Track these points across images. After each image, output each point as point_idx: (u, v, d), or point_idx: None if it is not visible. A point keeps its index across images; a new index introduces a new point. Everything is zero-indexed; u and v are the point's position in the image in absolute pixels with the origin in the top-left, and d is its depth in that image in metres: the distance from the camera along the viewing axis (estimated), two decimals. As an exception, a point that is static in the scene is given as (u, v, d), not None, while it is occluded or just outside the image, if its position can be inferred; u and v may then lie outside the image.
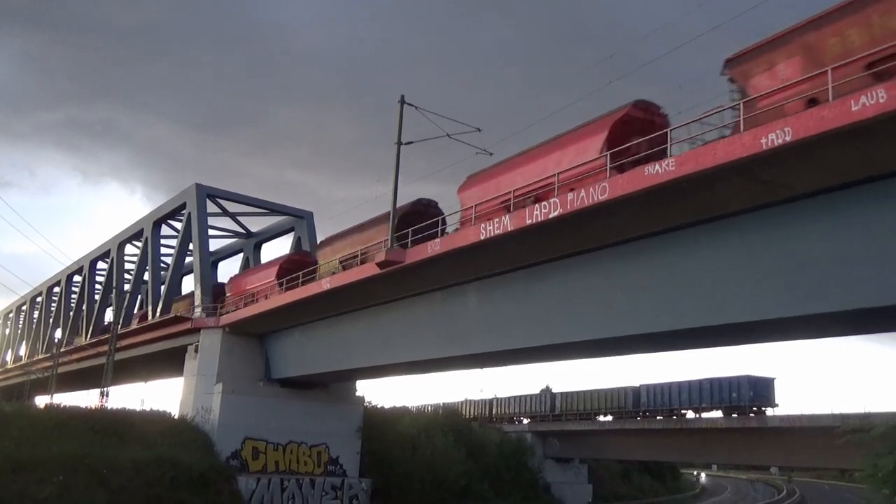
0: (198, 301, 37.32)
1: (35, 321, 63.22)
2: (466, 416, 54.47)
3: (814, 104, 12.44)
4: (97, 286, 52.42)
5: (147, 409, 35.47)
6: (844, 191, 13.33)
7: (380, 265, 22.39)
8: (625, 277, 17.82)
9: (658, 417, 43.72)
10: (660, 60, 18.18)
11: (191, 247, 40.68)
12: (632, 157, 15.80)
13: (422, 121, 22.95)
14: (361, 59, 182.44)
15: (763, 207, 14.55)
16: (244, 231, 45.58)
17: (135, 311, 46.95)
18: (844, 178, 13.13)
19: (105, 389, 39.35)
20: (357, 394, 36.60)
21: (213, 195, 40.84)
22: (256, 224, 45.59)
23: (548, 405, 51.94)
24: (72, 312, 53.78)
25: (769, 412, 38.50)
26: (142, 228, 45.51)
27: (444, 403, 57.99)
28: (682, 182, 14.00)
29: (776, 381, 40.08)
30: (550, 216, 16.70)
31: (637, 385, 46.07)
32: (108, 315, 49.54)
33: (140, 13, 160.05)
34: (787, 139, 12.10)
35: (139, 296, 47.77)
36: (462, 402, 61.12)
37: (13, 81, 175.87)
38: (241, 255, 46.71)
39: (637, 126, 16.78)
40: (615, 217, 16.28)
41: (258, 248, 45.88)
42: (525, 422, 53.72)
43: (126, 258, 49.33)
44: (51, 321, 58.72)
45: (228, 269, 48.54)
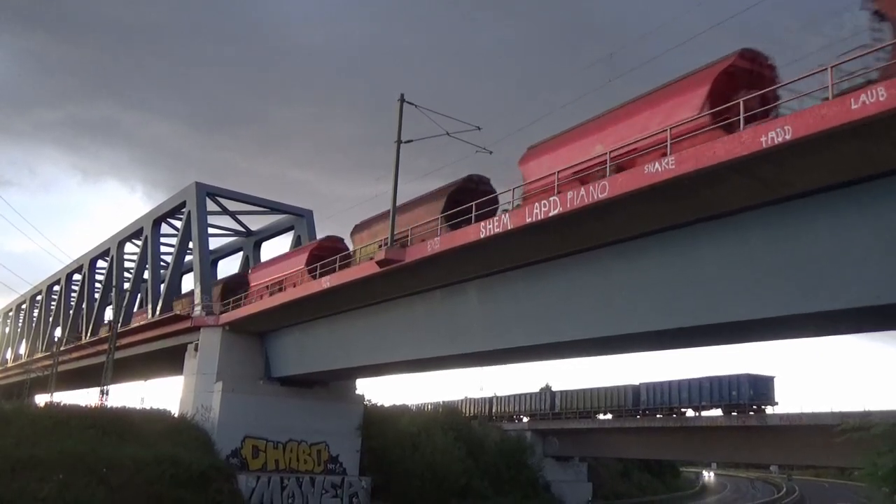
0: (198, 299, 37.33)
1: (35, 320, 63.25)
2: (466, 415, 54.42)
3: None
4: (97, 285, 52.43)
5: (147, 408, 35.58)
6: (844, 189, 13.32)
7: (379, 263, 22.41)
8: (625, 276, 17.82)
9: (658, 416, 43.69)
10: (660, 59, 18.14)
11: (190, 245, 40.71)
12: (737, 117, 13.53)
13: (422, 119, 22.94)
14: (362, 58, 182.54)
15: (763, 206, 14.55)
16: (244, 229, 45.58)
17: (135, 310, 46.96)
18: (844, 177, 13.13)
19: (105, 388, 39.39)
20: (357, 392, 36.67)
21: (213, 194, 40.85)
22: (256, 222, 45.65)
23: (547, 403, 51.93)
24: (72, 311, 53.79)
25: (769, 410, 38.49)
26: (141, 227, 45.51)
27: (444, 402, 57.86)
28: (682, 180, 14.01)
29: (776, 380, 40.13)
30: (550, 214, 16.69)
31: (637, 383, 46.06)
32: (108, 313, 49.60)
33: (140, 11, 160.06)
34: (787, 137, 12.09)
35: (139, 294, 47.80)
36: (462, 401, 61.08)
37: (13, 79, 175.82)
38: (241, 254, 46.76)
39: (744, 79, 14.87)
40: (615, 215, 16.27)
41: (258, 247, 45.89)
42: (525, 420, 53.71)
43: (126, 257, 49.35)
44: (51, 320, 58.75)
45: (228, 268, 48.58)
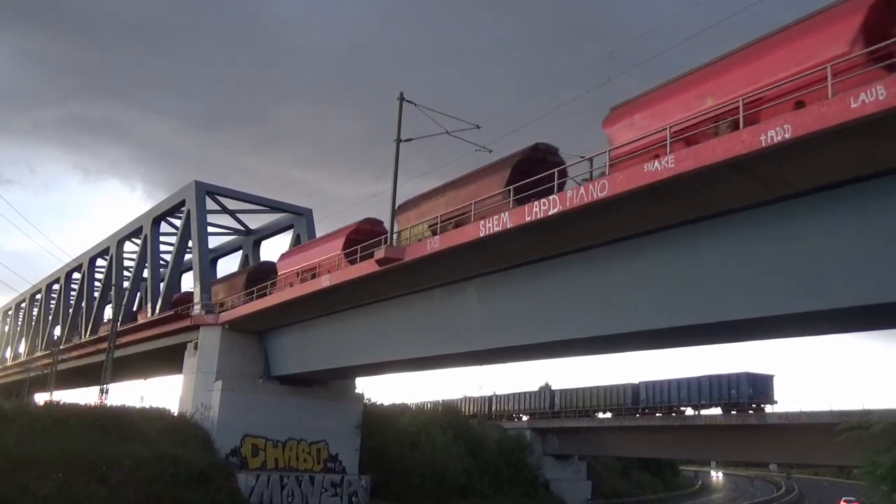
0: (197, 298, 37.34)
1: (34, 318, 63.25)
2: (466, 413, 54.45)
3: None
4: (97, 283, 52.42)
5: (147, 407, 35.56)
6: (843, 188, 13.31)
7: (379, 262, 22.39)
8: (624, 274, 17.82)
9: (657, 414, 43.73)
10: (661, 57, 18.14)
11: (190, 244, 40.70)
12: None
13: (422, 118, 22.96)
14: (362, 57, 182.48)
15: (762, 205, 14.55)
16: (243, 228, 45.58)
17: (134, 309, 46.95)
18: (843, 176, 13.12)
19: (104, 387, 39.39)
20: (356, 391, 36.70)
21: (213, 192, 40.83)
22: (256, 221, 45.65)
23: (547, 402, 51.96)
24: (71, 310, 53.79)
25: (768, 409, 38.55)
26: (141, 226, 45.49)
27: (444, 400, 57.88)
28: (682, 179, 14.00)
29: (775, 378, 40.22)
30: (550, 213, 16.68)
31: (636, 382, 46.12)
32: (108, 312, 49.59)
33: (141, 10, 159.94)
34: (787, 136, 12.07)
35: (138, 293, 47.79)
36: (461, 399, 61.11)
37: (14, 78, 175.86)
38: (241, 253, 46.76)
39: None
40: (614, 214, 16.26)
41: (257, 246, 45.89)
42: (524, 419, 53.75)
43: (125, 255, 49.33)
44: (50, 318, 58.75)
45: (228, 267, 48.60)
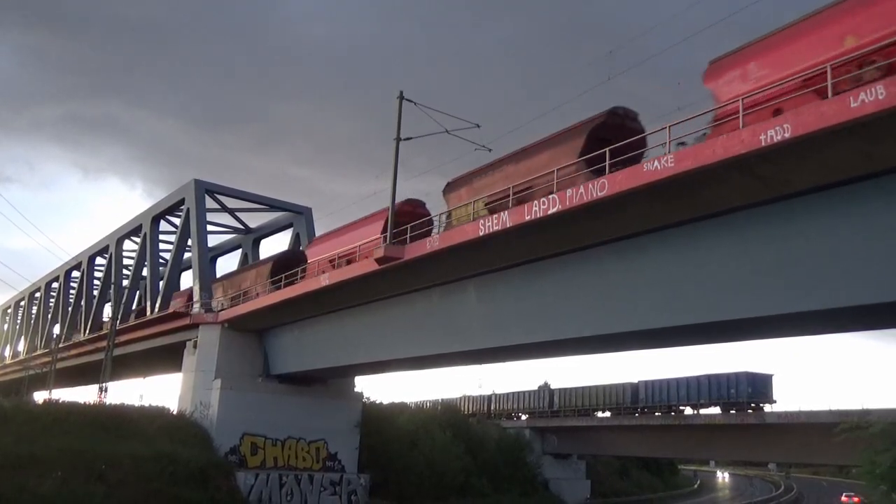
0: (196, 297, 37.32)
1: (34, 317, 63.24)
2: (465, 412, 54.47)
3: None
4: (96, 282, 52.41)
5: (146, 405, 35.53)
6: (843, 188, 13.31)
7: (378, 261, 22.37)
8: (623, 274, 17.82)
9: (656, 414, 43.75)
10: (661, 55, 18.11)
11: (189, 242, 40.68)
12: None
13: (422, 117, 22.92)
14: (362, 55, 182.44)
15: (762, 204, 14.55)
16: (243, 227, 45.55)
17: (133, 307, 46.93)
18: (843, 175, 13.12)
19: (104, 385, 39.40)
20: (356, 390, 36.67)
21: (212, 191, 40.82)
22: (255, 220, 45.62)
23: (546, 401, 51.99)
24: (70, 308, 53.77)
25: (767, 408, 38.57)
26: (140, 224, 45.49)
27: (443, 399, 57.95)
28: (681, 179, 14.00)
29: (774, 378, 40.23)
30: (549, 212, 16.68)
31: (635, 381, 46.16)
32: (107, 310, 49.57)
33: (141, 8, 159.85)
34: (786, 135, 12.07)
35: (137, 291, 47.78)
36: (460, 398, 61.14)
37: (13, 76, 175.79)
38: (240, 251, 46.74)
39: None
40: (614, 213, 16.26)
41: (257, 244, 45.87)
42: (523, 418, 53.79)
43: (125, 254, 49.31)
44: (49, 317, 58.75)
45: (227, 265, 48.57)
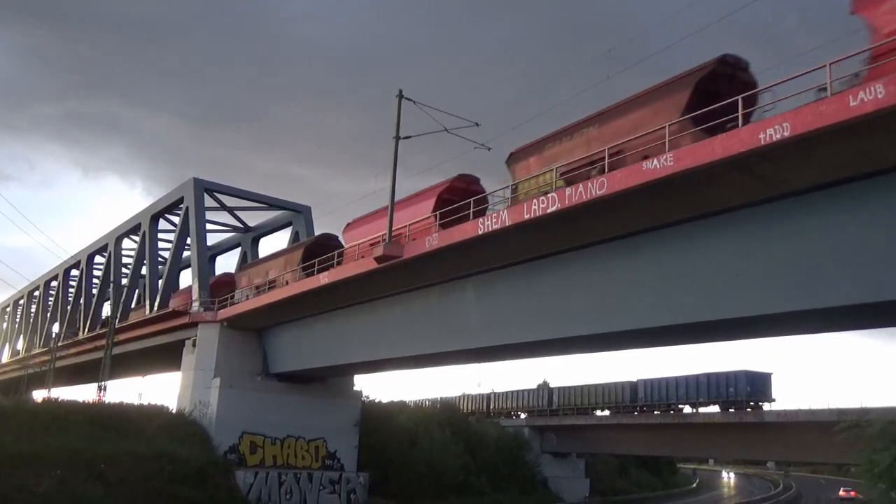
0: (196, 295, 37.31)
1: (33, 315, 63.19)
2: (464, 411, 54.50)
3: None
4: (95, 280, 52.38)
5: (145, 404, 35.51)
6: (842, 186, 13.34)
7: (377, 260, 22.36)
8: (622, 272, 17.84)
9: (655, 412, 43.78)
10: (662, 53, 18.07)
11: (188, 241, 40.66)
12: None
13: (422, 115, 22.88)
14: (363, 54, 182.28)
15: (761, 203, 14.57)
16: (242, 225, 45.52)
17: (133, 306, 46.91)
18: (842, 174, 13.14)
19: (103, 384, 39.40)
20: (355, 388, 36.69)
21: (211, 189, 40.78)
22: (254, 218, 45.59)
23: (545, 400, 52.01)
24: (69, 307, 53.75)
25: (766, 407, 38.60)
26: (139, 223, 45.45)
27: (442, 398, 57.96)
28: (681, 177, 14.00)
29: (773, 376, 40.24)
30: (549, 211, 16.69)
31: (634, 380, 46.20)
32: (106, 309, 49.56)
33: (141, 6, 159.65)
34: (786, 134, 12.08)
35: (136, 290, 47.76)
36: (459, 397, 61.18)
37: (13, 74, 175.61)
38: (239, 250, 46.71)
39: None
40: (613, 212, 16.27)
41: (256, 243, 45.85)
42: (522, 416, 53.80)
43: (124, 252, 49.28)
44: (49, 315, 58.71)
45: (226, 264, 48.56)
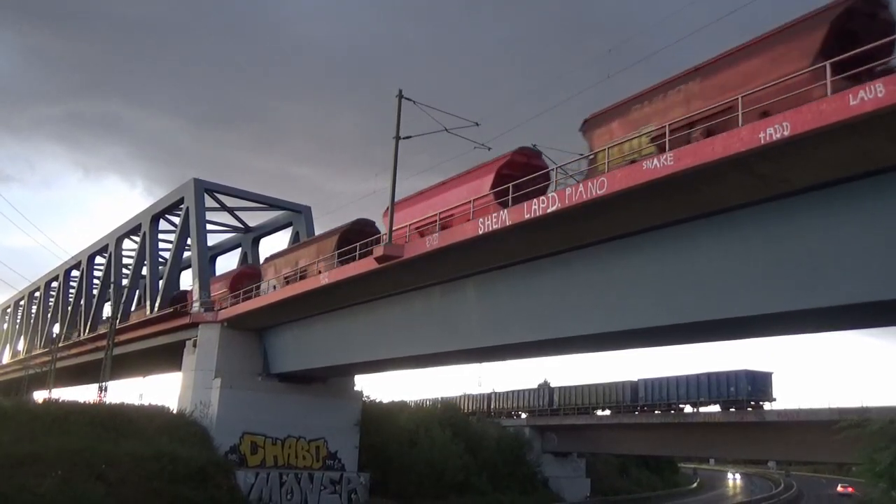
0: (196, 296, 37.31)
1: (33, 316, 63.21)
2: (464, 411, 54.47)
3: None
4: (95, 281, 52.40)
5: (146, 404, 35.54)
6: (842, 186, 13.33)
7: (378, 260, 22.37)
8: (623, 272, 17.83)
9: (656, 412, 43.75)
10: (662, 53, 18.04)
11: (189, 241, 40.66)
12: None
13: (422, 115, 22.88)
14: (363, 53, 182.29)
15: (761, 202, 14.56)
16: (242, 226, 45.53)
17: (133, 307, 46.91)
18: (842, 173, 13.13)
19: (103, 384, 39.40)
20: (355, 388, 36.71)
21: (211, 190, 40.79)
22: (254, 219, 45.60)
23: (546, 400, 51.99)
24: (70, 307, 53.76)
25: (767, 406, 38.55)
26: (140, 223, 45.46)
27: (443, 398, 57.92)
28: (681, 177, 14.00)
29: (774, 376, 40.16)
30: (548, 211, 16.69)
31: (635, 379, 46.17)
32: (107, 310, 49.56)
33: (141, 6, 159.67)
34: (786, 134, 12.08)
35: (137, 291, 47.78)
36: (460, 397, 61.15)
37: (14, 75, 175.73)
38: (240, 250, 46.73)
39: None
40: (613, 212, 16.27)
41: (256, 243, 45.85)
42: (523, 416, 53.80)
43: (124, 253, 49.30)
44: (49, 316, 58.72)
45: (227, 265, 48.54)
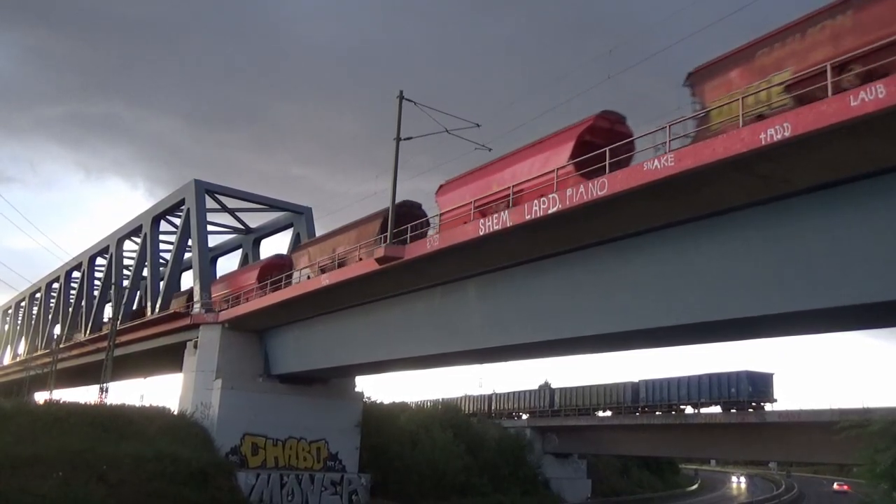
0: (197, 297, 37.32)
1: (34, 317, 63.23)
2: (465, 412, 54.43)
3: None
4: (96, 282, 52.42)
5: (146, 405, 35.56)
6: (843, 186, 13.32)
7: (379, 261, 22.37)
8: (624, 273, 17.82)
9: (657, 413, 43.74)
10: (663, 53, 18.03)
11: (190, 242, 40.67)
12: None
13: (424, 116, 22.93)
14: (364, 55, 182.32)
15: (762, 203, 14.55)
16: (243, 227, 45.53)
17: (134, 308, 46.91)
18: (843, 174, 13.13)
19: (104, 385, 39.40)
20: (356, 389, 36.68)
21: (212, 191, 40.80)
22: (255, 220, 45.61)
23: (547, 400, 51.96)
24: (71, 308, 53.78)
25: (768, 407, 38.54)
26: (140, 224, 45.48)
27: (444, 399, 57.91)
28: (682, 178, 13.99)
29: (775, 377, 40.19)
30: (549, 212, 16.67)
31: (636, 380, 46.17)
32: (108, 311, 49.56)
33: (143, 7, 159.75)
34: (786, 134, 12.07)
35: (138, 292, 47.79)
36: (461, 398, 61.10)
37: (15, 76, 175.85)
38: (240, 251, 46.72)
39: None
40: (614, 213, 16.26)
41: (257, 244, 45.85)
42: (524, 417, 53.78)
43: (125, 254, 49.32)
44: (50, 317, 58.74)
45: (227, 266, 48.53)
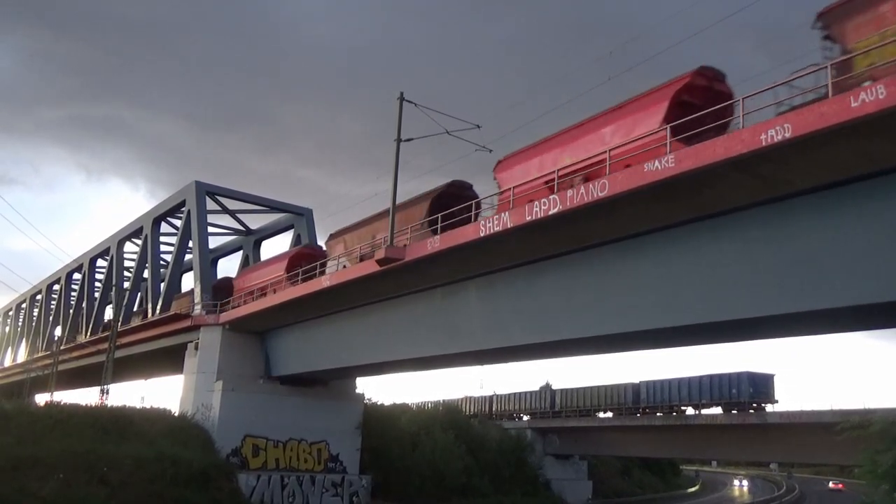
0: (198, 298, 37.32)
1: (35, 319, 63.25)
2: (466, 413, 54.44)
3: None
4: (97, 284, 52.43)
5: (147, 407, 35.57)
6: (844, 187, 13.34)
7: (379, 262, 22.38)
8: (625, 274, 17.83)
9: (658, 414, 43.73)
10: (664, 54, 18.06)
11: (190, 244, 40.69)
12: None
13: (425, 117, 22.91)
14: (365, 55, 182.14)
15: (763, 204, 14.57)
16: (244, 228, 45.53)
17: (135, 309, 46.93)
18: (844, 175, 13.14)
19: (105, 387, 39.38)
20: (357, 391, 36.69)
21: (213, 192, 40.80)
22: (256, 221, 45.60)
23: (548, 402, 51.96)
24: (72, 310, 53.79)
25: (769, 408, 38.54)
26: (141, 226, 45.50)
27: (444, 400, 57.84)
28: (682, 179, 14.00)
29: (776, 378, 40.17)
30: (550, 213, 16.68)
31: (637, 381, 46.13)
32: (109, 312, 49.57)
33: (144, 9, 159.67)
34: (787, 135, 12.09)
35: (139, 293, 47.80)
36: (462, 399, 61.07)
37: (17, 77, 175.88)
38: (241, 253, 46.70)
39: None
40: (615, 214, 16.27)
41: (258, 246, 45.83)
42: (525, 418, 53.77)
43: (126, 255, 49.34)
44: (51, 319, 58.76)
45: (228, 267, 48.55)
